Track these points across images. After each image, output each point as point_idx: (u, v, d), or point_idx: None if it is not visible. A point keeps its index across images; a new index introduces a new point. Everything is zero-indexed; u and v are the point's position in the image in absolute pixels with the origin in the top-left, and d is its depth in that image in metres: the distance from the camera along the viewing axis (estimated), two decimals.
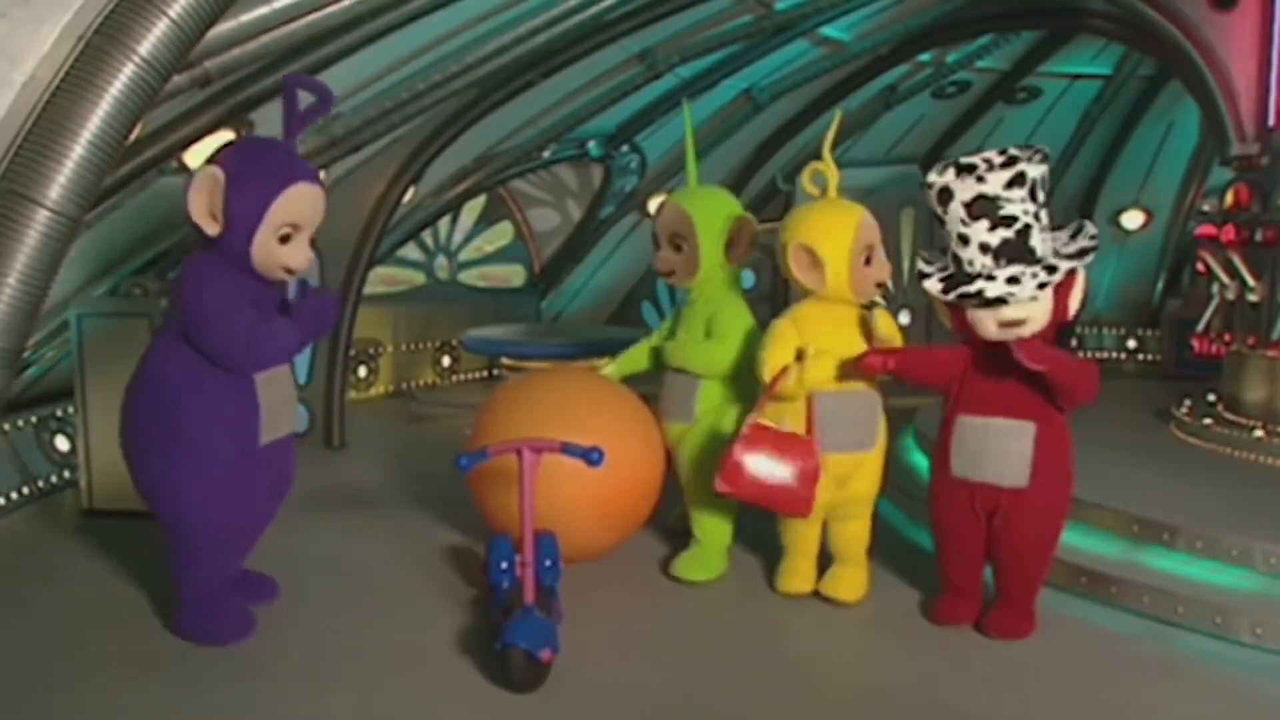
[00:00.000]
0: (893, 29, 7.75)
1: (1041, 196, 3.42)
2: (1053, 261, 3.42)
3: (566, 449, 3.44)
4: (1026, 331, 3.45)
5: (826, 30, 7.49)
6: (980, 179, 3.37)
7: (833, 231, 3.85)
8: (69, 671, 3.39)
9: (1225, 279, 5.57)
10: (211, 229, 3.38)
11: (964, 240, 3.45)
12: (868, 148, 9.34)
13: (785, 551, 4.12)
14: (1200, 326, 5.83)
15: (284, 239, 3.44)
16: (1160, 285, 9.74)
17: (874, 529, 4.15)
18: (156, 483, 3.49)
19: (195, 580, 3.56)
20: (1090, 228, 3.56)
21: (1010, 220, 3.37)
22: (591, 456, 3.40)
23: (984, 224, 3.39)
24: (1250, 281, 5.43)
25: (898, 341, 3.85)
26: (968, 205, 3.39)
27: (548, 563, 3.69)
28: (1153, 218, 9.74)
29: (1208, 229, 5.99)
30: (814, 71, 8.09)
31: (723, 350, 4.27)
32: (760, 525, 4.32)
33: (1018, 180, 3.35)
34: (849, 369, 3.80)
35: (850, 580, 4.01)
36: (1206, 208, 6.66)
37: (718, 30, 6.88)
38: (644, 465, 4.30)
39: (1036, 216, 3.40)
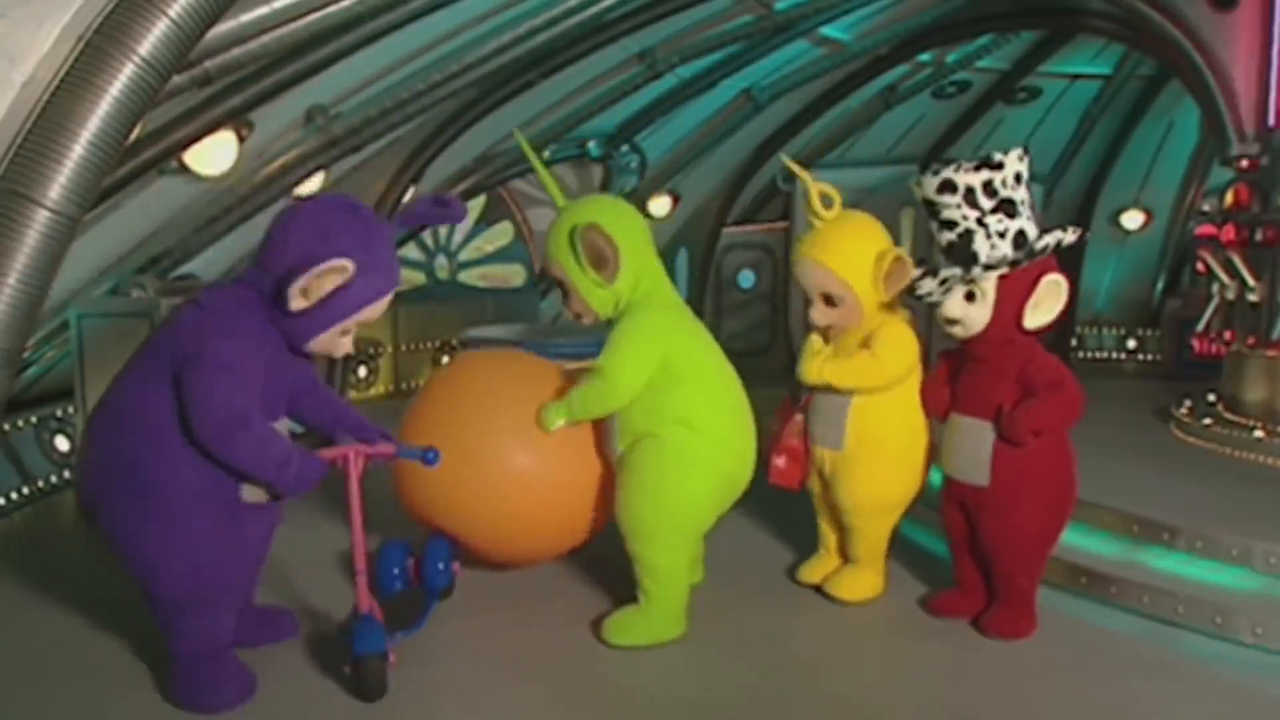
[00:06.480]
0: (893, 29, 7.74)
1: (988, 203, 3.44)
2: (987, 261, 3.46)
3: (401, 451, 3.32)
4: (961, 332, 3.61)
5: (826, 30, 7.48)
6: (919, 184, 3.57)
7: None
8: (69, 673, 3.39)
9: (1225, 279, 5.58)
10: (298, 304, 2.97)
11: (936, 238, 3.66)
12: (868, 148, 9.34)
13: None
14: (1200, 326, 5.83)
15: (346, 331, 3.13)
16: (1160, 285, 9.73)
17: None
18: (126, 537, 3.01)
19: (185, 637, 3.11)
20: (1045, 238, 3.50)
21: (951, 224, 3.50)
22: (427, 457, 3.31)
23: (934, 225, 3.58)
24: (1250, 281, 5.44)
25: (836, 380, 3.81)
26: (926, 205, 3.58)
27: (440, 566, 3.74)
28: (1153, 218, 9.73)
29: (1208, 229, 6.00)
30: (814, 71, 8.09)
31: (604, 385, 3.64)
32: (763, 524, 4.31)
33: (947, 187, 3.47)
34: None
35: (851, 580, 4.01)
36: (1206, 208, 6.66)
37: (718, 30, 6.88)
38: (590, 461, 3.95)
39: (981, 222, 3.45)
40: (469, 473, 3.83)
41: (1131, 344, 9.72)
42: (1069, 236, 3.53)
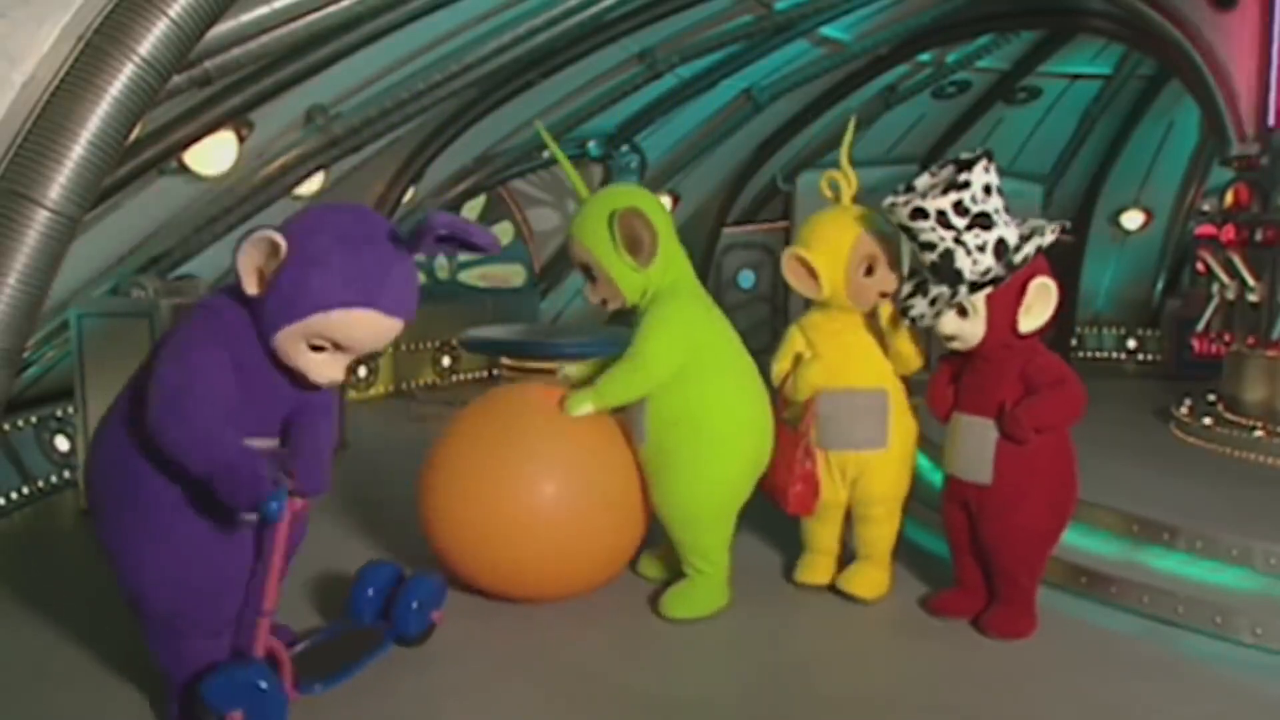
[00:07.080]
0: (893, 29, 7.75)
1: (961, 221, 3.42)
2: (972, 280, 3.46)
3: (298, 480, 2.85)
4: (960, 346, 3.63)
5: (826, 30, 7.50)
6: (893, 207, 3.54)
7: (828, 241, 3.90)
8: (68, 673, 3.39)
9: (1225, 279, 5.58)
10: (251, 288, 2.77)
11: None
12: (868, 148, 9.34)
13: (805, 548, 4.17)
14: (1200, 326, 5.84)
15: (316, 349, 2.83)
16: (1160, 285, 9.74)
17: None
18: (114, 545, 2.94)
19: (178, 661, 2.97)
20: (1024, 248, 3.47)
21: (930, 246, 3.49)
22: (273, 506, 2.71)
23: (915, 246, 3.57)
24: (1250, 281, 5.44)
25: (911, 358, 3.91)
26: (903, 229, 3.58)
27: (414, 604, 3.48)
28: (1153, 218, 9.75)
29: (1208, 229, 6.00)
30: (814, 71, 8.10)
31: (635, 367, 3.74)
32: (762, 524, 4.31)
33: (919, 214, 3.46)
34: (856, 368, 3.92)
35: (869, 578, 4.02)
36: (1206, 208, 6.66)
37: (718, 30, 6.89)
38: (614, 506, 3.86)
39: (959, 240, 3.44)
40: (499, 507, 3.74)
41: (1131, 344, 9.73)
42: (1046, 239, 3.51)
